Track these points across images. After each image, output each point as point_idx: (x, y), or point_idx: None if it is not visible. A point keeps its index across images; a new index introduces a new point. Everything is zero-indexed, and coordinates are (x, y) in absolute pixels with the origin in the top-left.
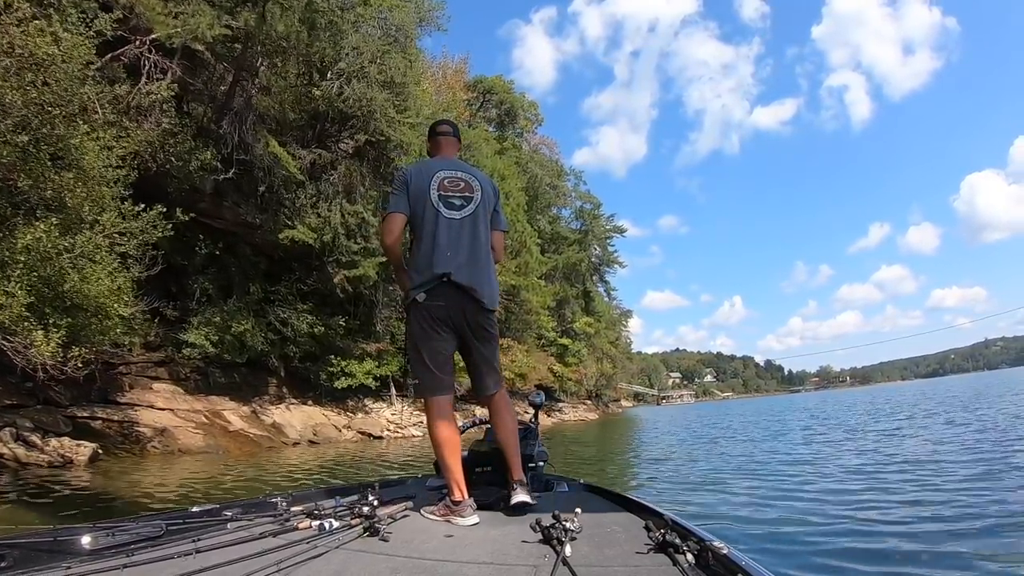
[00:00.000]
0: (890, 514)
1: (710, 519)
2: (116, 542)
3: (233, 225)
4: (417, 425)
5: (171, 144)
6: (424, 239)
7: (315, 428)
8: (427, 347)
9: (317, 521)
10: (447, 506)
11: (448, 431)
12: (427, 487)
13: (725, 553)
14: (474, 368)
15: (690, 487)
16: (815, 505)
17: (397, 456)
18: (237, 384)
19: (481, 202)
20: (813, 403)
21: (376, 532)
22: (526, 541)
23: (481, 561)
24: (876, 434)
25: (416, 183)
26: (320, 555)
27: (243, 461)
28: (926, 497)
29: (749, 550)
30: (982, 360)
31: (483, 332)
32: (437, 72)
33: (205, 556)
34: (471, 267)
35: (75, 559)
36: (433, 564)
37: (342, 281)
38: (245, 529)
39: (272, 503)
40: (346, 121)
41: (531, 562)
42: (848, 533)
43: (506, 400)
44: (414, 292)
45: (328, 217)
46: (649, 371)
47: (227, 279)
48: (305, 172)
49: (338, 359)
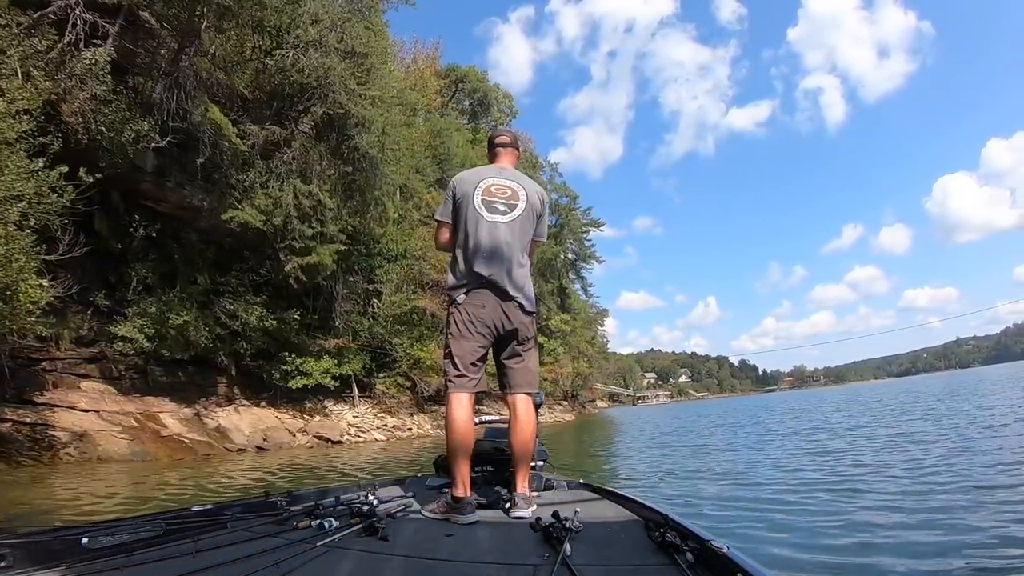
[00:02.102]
0: (891, 513)
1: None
2: (116, 542)
3: (178, 209)
4: (381, 429)
5: (104, 113)
6: (466, 242)
7: (265, 432)
8: (459, 345)
9: (317, 521)
10: (447, 504)
11: (464, 427)
12: (427, 486)
13: (725, 552)
14: (507, 367)
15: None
16: (815, 505)
17: (353, 463)
18: (181, 384)
19: (525, 210)
20: (796, 403)
21: (376, 531)
22: (526, 540)
23: (481, 560)
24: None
25: (461, 189)
26: (320, 555)
27: (170, 470)
28: (926, 497)
29: (749, 550)
30: (954, 359)
31: (521, 334)
32: (408, 55)
33: (205, 556)
34: (511, 271)
35: (75, 559)
36: (433, 563)
37: (295, 269)
38: (245, 529)
39: (272, 503)
40: (302, 94)
41: (531, 561)
42: (849, 533)
43: (530, 407)
44: (454, 292)
45: (279, 198)
46: (624, 371)
47: (171, 268)
48: (257, 150)
49: (293, 356)
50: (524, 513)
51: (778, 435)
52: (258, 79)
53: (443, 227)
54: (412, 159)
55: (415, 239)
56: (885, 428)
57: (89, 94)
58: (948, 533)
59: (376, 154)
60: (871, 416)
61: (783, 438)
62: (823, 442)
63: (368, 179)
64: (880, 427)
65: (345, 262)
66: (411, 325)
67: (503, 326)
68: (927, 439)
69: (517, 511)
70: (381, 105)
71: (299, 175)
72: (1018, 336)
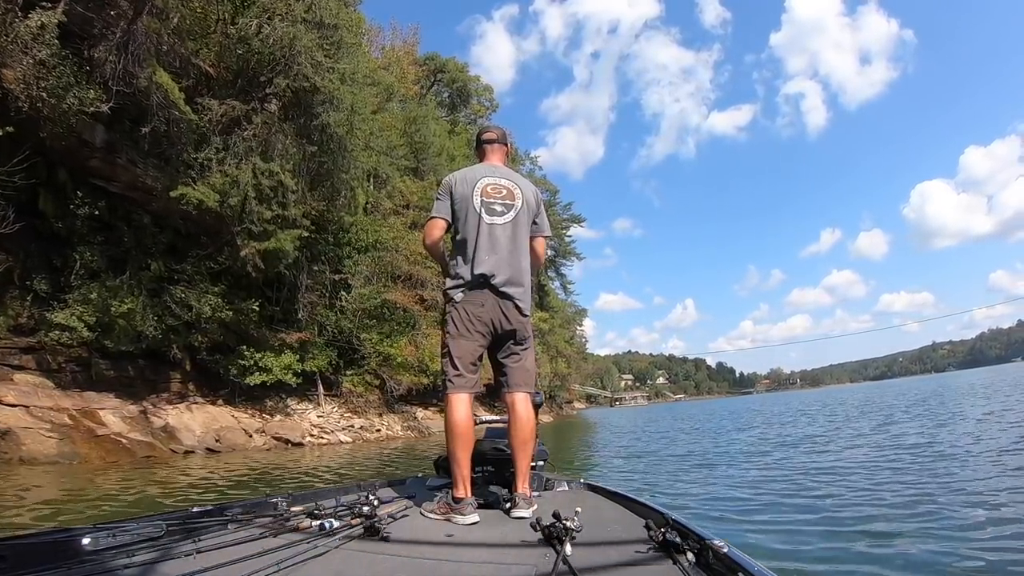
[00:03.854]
0: (890, 513)
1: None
2: (116, 542)
3: (130, 188)
4: (347, 430)
5: (48, 79)
6: (466, 243)
7: (218, 433)
8: (458, 345)
9: (317, 521)
10: (448, 504)
11: (464, 428)
12: (427, 486)
13: (725, 552)
14: (505, 368)
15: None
16: (817, 505)
17: (311, 468)
18: (130, 379)
19: (523, 209)
20: (781, 406)
21: (376, 532)
22: (526, 540)
23: (481, 560)
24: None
25: (459, 189)
26: (320, 555)
27: (100, 475)
28: (927, 495)
29: (749, 549)
30: (929, 363)
31: (519, 334)
32: (386, 41)
33: (205, 556)
34: (511, 272)
35: (75, 559)
36: (433, 564)
37: (253, 255)
38: (245, 529)
39: (272, 503)
40: (266, 66)
41: (531, 561)
42: (848, 532)
43: (529, 405)
44: (453, 292)
45: (237, 176)
46: (602, 373)
47: (121, 252)
48: (215, 125)
49: (251, 351)
50: (524, 513)
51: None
52: (222, 55)
53: (438, 224)
54: (386, 146)
55: (387, 229)
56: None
57: (33, 58)
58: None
59: (344, 134)
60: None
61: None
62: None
63: (336, 161)
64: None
65: (310, 250)
66: (381, 320)
67: (501, 325)
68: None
69: (517, 511)
70: (352, 82)
71: (260, 153)
72: (993, 341)
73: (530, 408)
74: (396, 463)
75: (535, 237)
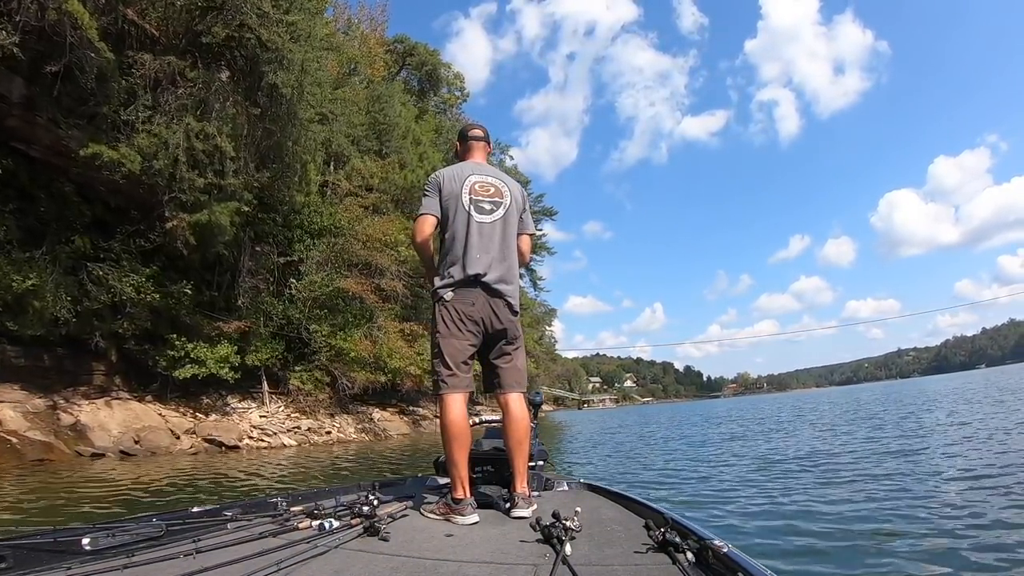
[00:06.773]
0: (890, 514)
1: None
2: (116, 542)
3: (52, 154)
4: (292, 432)
5: None
6: (455, 241)
7: (139, 433)
8: (449, 344)
9: (317, 521)
10: (447, 504)
11: (460, 428)
12: (427, 487)
13: (725, 552)
14: (496, 367)
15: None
16: (817, 505)
17: (243, 477)
18: (43, 369)
19: (510, 207)
20: (769, 411)
21: (376, 532)
22: (526, 540)
23: (481, 560)
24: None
25: (448, 187)
26: (320, 555)
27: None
28: (928, 493)
29: (749, 548)
30: (895, 369)
31: (510, 333)
32: (354, 15)
33: (205, 556)
34: (501, 270)
35: (75, 559)
36: (433, 564)
37: (183, 228)
38: (245, 529)
39: (272, 503)
40: (205, 14)
41: (531, 561)
42: (849, 532)
43: (523, 405)
44: (442, 290)
45: (166, 137)
46: (570, 375)
47: (39, 224)
48: (147, 82)
49: (182, 340)
50: (524, 513)
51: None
52: (167, 17)
53: (429, 220)
54: (346, 122)
55: (343, 210)
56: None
57: None
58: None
59: (293, 98)
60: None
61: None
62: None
63: (285, 130)
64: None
65: (253, 229)
66: (334, 310)
67: (492, 324)
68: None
69: (517, 511)
70: (304, 43)
71: (195, 114)
72: (957, 348)
73: (524, 408)
74: (343, 470)
75: (520, 235)
